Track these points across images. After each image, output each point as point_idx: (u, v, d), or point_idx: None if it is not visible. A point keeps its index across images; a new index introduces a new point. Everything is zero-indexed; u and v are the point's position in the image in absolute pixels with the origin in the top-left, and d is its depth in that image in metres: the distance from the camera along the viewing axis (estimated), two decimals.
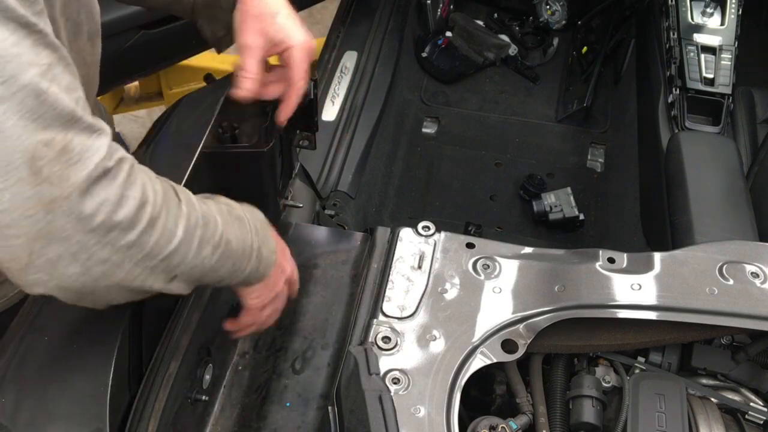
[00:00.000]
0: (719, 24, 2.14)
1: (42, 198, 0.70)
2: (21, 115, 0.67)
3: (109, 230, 0.75)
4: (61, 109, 0.70)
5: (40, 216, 0.71)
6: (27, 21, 0.68)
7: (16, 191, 0.69)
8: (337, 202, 1.93)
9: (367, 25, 2.42)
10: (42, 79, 0.69)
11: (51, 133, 0.70)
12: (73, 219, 0.73)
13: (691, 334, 1.12)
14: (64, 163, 0.71)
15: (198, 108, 1.21)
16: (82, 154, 0.72)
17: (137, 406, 0.96)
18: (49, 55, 0.71)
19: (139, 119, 3.17)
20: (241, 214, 0.97)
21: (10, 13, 0.67)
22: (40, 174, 0.70)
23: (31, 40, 0.69)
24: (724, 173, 1.80)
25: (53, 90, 0.70)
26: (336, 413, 1.04)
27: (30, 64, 0.68)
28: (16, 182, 0.69)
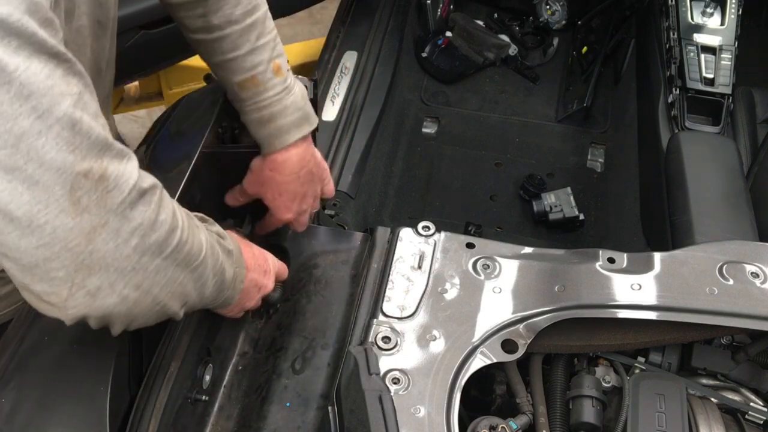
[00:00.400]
0: (719, 24, 2.14)
1: (83, 228, 0.71)
2: (59, 147, 0.68)
3: (143, 254, 0.77)
4: (95, 138, 0.71)
5: (81, 247, 0.72)
6: (57, 51, 0.68)
7: (58, 224, 0.70)
8: (337, 202, 1.93)
9: (367, 25, 2.42)
10: (75, 109, 0.69)
11: (88, 162, 0.70)
12: (112, 246, 0.74)
13: (691, 334, 1.12)
14: (101, 191, 0.72)
15: (198, 108, 1.21)
16: (117, 180, 0.73)
17: (137, 407, 0.96)
18: (78, 83, 0.71)
19: (139, 119, 3.17)
20: (230, 247, 0.99)
21: (42, 45, 0.67)
22: (80, 204, 0.70)
23: (62, 70, 0.69)
24: (724, 173, 1.80)
25: (86, 118, 0.70)
26: (336, 413, 1.04)
27: (63, 95, 0.68)
28: (57, 214, 0.69)
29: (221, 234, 0.99)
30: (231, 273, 0.97)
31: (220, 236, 0.98)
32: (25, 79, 0.65)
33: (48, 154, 0.67)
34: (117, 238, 0.74)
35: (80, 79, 0.72)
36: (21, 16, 0.64)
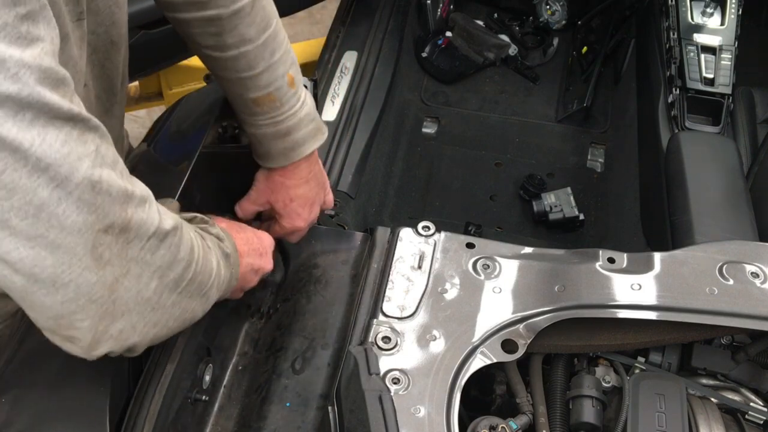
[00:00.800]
0: (719, 24, 2.14)
1: (106, 281, 0.73)
2: (80, 210, 0.68)
3: (161, 294, 0.80)
4: (116, 193, 0.72)
5: (105, 297, 0.74)
6: (71, 113, 0.68)
7: (82, 281, 0.71)
8: (337, 202, 1.93)
9: (367, 25, 2.42)
10: (94, 169, 0.69)
11: (110, 218, 0.71)
12: (134, 293, 0.76)
13: (691, 334, 1.12)
14: (123, 242, 0.73)
15: (198, 108, 1.21)
16: (138, 229, 0.75)
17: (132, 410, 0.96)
18: (94, 139, 0.71)
19: (139, 119, 3.17)
20: (228, 250, 0.99)
21: (56, 111, 0.66)
22: (102, 258, 0.72)
23: (78, 131, 0.69)
24: (724, 173, 1.80)
25: (105, 175, 0.71)
26: (336, 413, 1.04)
27: (81, 159, 0.68)
28: (81, 272, 0.70)
29: (220, 236, 0.99)
30: (228, 276, 0.98)
31: (219, 239, 0.98)
32: (41, 152, 0.65)
33: (69, 218, 0.68)
34: (138, 283, 0.76)
35: (95, 132, 0.72)
36: (32, 88, 0.64)
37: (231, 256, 1.00)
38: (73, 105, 0.69)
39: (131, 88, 2.71)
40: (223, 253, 0.97)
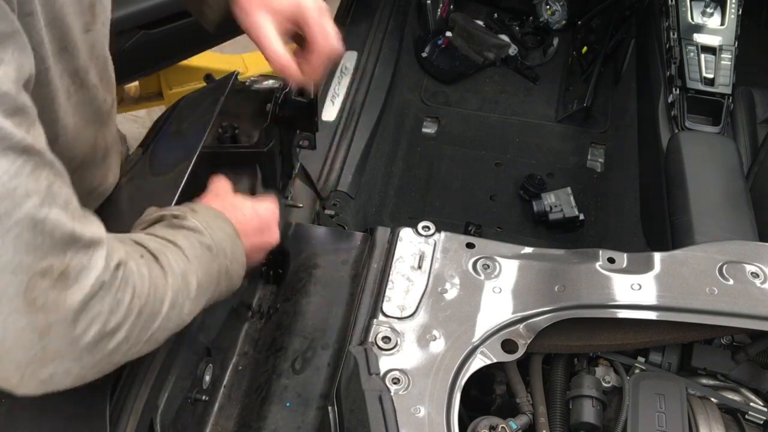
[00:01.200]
0: (719, 24, 2.14)
1: (36, 326, 0.68)
2: (17, 249, 0.64)
3: (100, 340, 0.73)
4: (59, 235, 0.67)
5: (34, 343, 0.68)
6: (25, 145, 0.65)
7: (10, 322, 0.66)
8: (337, 202, 1.93)
9: (367, 25, 2.42)
10: (40, 209, 0.65)
11: (48, 261, 0.67)
12: (67, 341, 0.70)
13: (691, 334, 1.12)
14: (59, 288, 0.68)
15: (198, 108, 1.21)
16: (78, 274, 0.70)
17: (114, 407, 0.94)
18: (47, 176, 0.67)
19: (139, 119, 3.17)
20: (209, 241, 0.92)
21: (9, 141, 0.63)
22: (35, 303, 0.67)
23: (30, 166, 0.65)
24: (724, 173, 1.80)
25: (52, 215, 0.67)
26: (336, 413, 1.04)
27: (27, 195, 0.64)
28: (9, 314, 0.66)
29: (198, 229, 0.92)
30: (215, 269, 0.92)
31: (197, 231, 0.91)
32: None
33: (3, 256, 0.64)
34: (73, 330, 0.70)
35: (50, 169, 0.68)
36: None
37: (215, 246, 0.93)
38: (29, 136, 0.65)
39: (131, 88, 2.71)
40: (202, 245, 0.90)
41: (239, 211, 1.03)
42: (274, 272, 1.40)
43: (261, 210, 1.08)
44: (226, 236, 0.96)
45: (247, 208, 1.06)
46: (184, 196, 1.07)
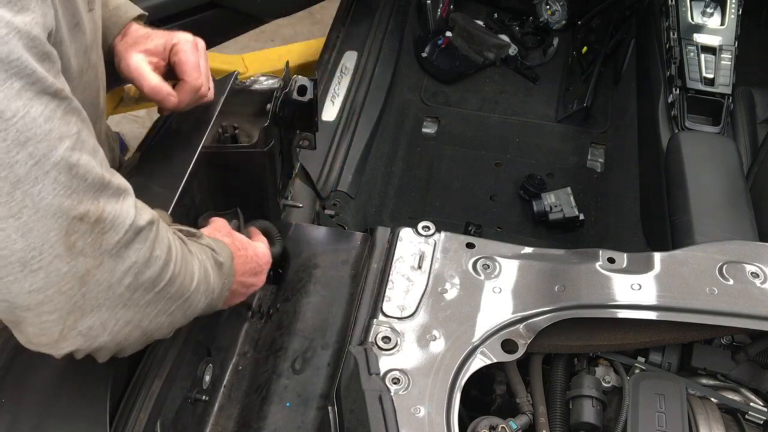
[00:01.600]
0: (719, 24, 2.14)
1: (77, 272, 0.70)
2: (56, 193, 0.66)
3: (135, 291, 0.76)
4: (92, 179, 0.70)
5: (75, 290, 0.71)
6: (56, 89, 0.67)
7: (52, 269, 0.68)
8: (337, 202, 1.93)
9: (367, 25, 2.42)
10: (73, 152, 0.68)
11: (85, 205, 0.69)
12: (105, 287, 0.73)
13: (691, 334, 1.12)
14: (97, 233, 0.70)
15: (198, 108, 1.21)
16: (114, 221, 0.72)
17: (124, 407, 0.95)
18: (76, 122, 0.69)
19: (139, 119, 3.17)
20: (221, 259, 0.97)
21: (42, 84, 0.65)
22: (75, 248, 0.69)
23: (62, 110, 0.67)
24: (724, 173, 1.79)
25: (83, 160, 0.69)
26: (336, 413, 1.04)
27: (61, 139, 0.66)
28: (52, 260, 0.68)
29: (212, 246, 0.97)
30: (219, 285, 0.97)
31: (211, 249, 0.96)
32: (23, 125, 0.63)
33: (44, 200, 0.65)
34: (111, 278, 0.73)
35: (78, 116, 0.70)
36: (21, 54, 0.62)
37: (225, 264, 0.98)
38: (58, 81, 0.67)
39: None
40: (215, 261, 0.95)
41: (242, 250, 1.09)
42: (274, 272, 1.40)
43: (260, 253, 1.14)
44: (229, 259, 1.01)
45: (250, 249, 1.11)
46: (185, 196, 1.07)
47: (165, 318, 0.83)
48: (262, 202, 1.32)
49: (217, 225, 1.11)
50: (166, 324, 0.85)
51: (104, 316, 0.75)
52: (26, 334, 0.74)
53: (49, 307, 0.70)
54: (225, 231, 1.10)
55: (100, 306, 0.74)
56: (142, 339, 0.83)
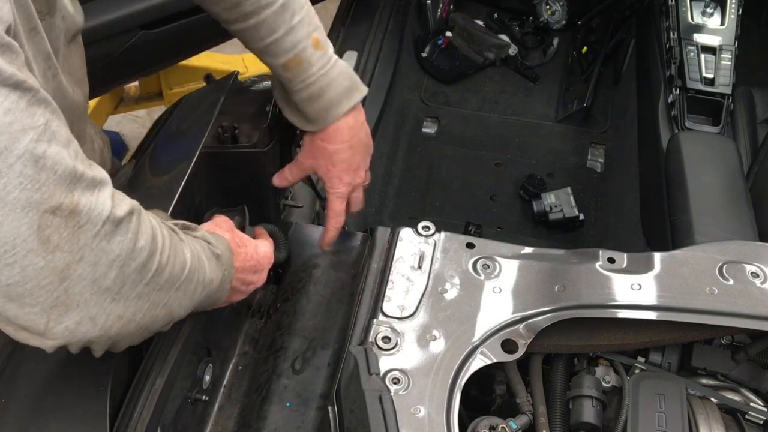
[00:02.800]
0: (719, 24, 2.14)
1: (55, 266, 0.69)
2: (22, 186, 0.64)
3: (123, 285, 0.75)
4: (62, 171, 0.68)
5: (55, 285, 0.69)
6: (17, 80, 0.65)
7: (27, 263, 0.67)
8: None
9: (367, 25, 2.42)
10: (38, 144, 0.66)
11: (56, 199, 0.67)
12: (89, 282, 0.72)
13: (691, 334, 1.12)
14: (72, 227, 0.69)
15: (198, 108, 1.21)
16: (90, 213, 0.70)
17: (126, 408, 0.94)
18: (43, 113, 0.67)
19: (139, 119, 3.17)
20: (218, 251, 0.97)
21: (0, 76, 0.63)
22: (50, 242, 0.67)
23: (25, 102, 0.65)
24: (724, 173, 1.80)
25: (51, 151, 0.67)
26: (336, 413, 1.04)
27: (24, 131, 0.64)
28: (26, 254, 0.66)
29: (208, 239, 0.96)
30: (219, 277, 0.96)
31: (207, 241, 0.96)
32: None
33: (10, 194, 0.64)
34: (94, 272, 0.72)
35: (46, 107, 0.68)
36: None
37: (223, 256, 0.97)
38: (20, 73, 0.65)
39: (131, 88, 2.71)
40: (212, 253, 0.94)
41: (242, 247, 1.08)
42: (274, 272, 1.40)
43: (261, 251, 1.14)
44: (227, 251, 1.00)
45: (250, 246, 1.11)
46: (185, 196, 1.07)
47: (160, 310, 0.82)
48: (262, 202, 1.32)
49: (217, 221, 1.11)
50: (162, 315, 0.84)
51: (92, 311, 0.74)
52: (13, 326, 0.73)
53: (31, 300, 0.69)
54: (226, 227, 1.09)
55: (87, 301, 0.73)
56: (138, 332, 0.82)
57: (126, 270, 0.75)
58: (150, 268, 0.78)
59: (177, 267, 0.83)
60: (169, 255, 0.81)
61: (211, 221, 1.11)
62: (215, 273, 0.94)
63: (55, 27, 0.93)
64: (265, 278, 1.16)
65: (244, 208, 1.25)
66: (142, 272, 0.77)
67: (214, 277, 0.94)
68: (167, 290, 0.82)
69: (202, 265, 0.90)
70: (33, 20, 0.82)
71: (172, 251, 0.82)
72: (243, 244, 1.09)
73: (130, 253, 0.75)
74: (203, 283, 0.90)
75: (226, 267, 0.99)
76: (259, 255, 1.13)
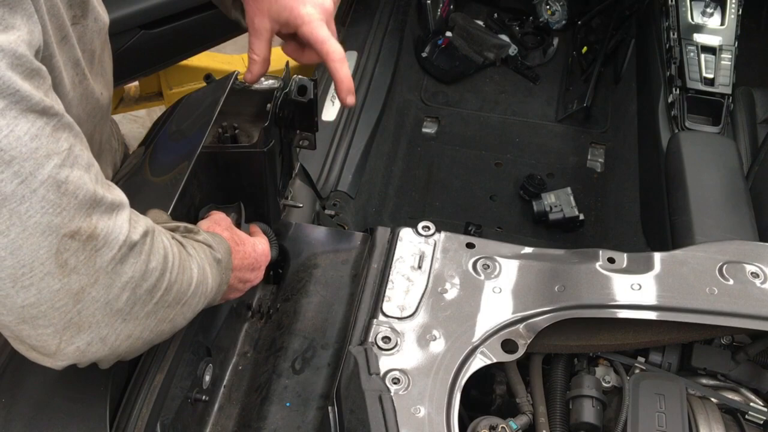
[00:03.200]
0: (719, 24, 2.14)
1: (70, 289, 0.70)
2: (44, 211, 0.66)
3: (134, 305, 0.76)
4: (83, 196, 0.69)
5: (69, 306, 0.70)
6: (44, 107, 0.66)
7: (44, 286, 0.68)
8: (337, 202, 1.93)
9: (367, 25, 2.42)
10: (62, 169, 0.67)
11: (76, 223, 0.68)
12: (101, 304, 0.73)
13: (691, 334, 1.12)
14: (90, 250, 0.70)
15: (198, 108, 1.21)
16: (107, 237, 0.71)
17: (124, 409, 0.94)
18: (67, 138, 0.69)
19: (139, 119, 3.17)
20: (219, 256, 0.97)
21: (28, 102, 0.64)
22: (67, 265, 0.68)
23: (51, 127, 0.67)
24: (724, 173, 1.80)
25: (74, 176, 0.68)
26: (336, 413, 1.04)
27: (48, 156, 0.66)
28: (43, 277, 0.68)
29: (209, 243, 0.97)
30: (218, 281, 0.96)
31: (208, 245, 0.96)
32: (7, 144, 0.62)
33: (32, 218, 0.65)
34: (108, 295, 0.73)
35: (70, 131, 0.69)
36: (3, 72, 0.62)
37: (223, 260, 0.98)
38: (47, 99, 0.67)
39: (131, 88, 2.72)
40: (214, 258, 0.95)
41: (240, 245, 1.08)
42: (274, 272, 1.40)
43: (258, 249, 1.14)
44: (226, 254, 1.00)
45: (248, 245, 1.11)
46: (185, 196, 1.07)
47: (166, 325, 0.84)
48: (262, 202, 1.32)
49: (216, 218, 1.11)
50: (168, 330, 0.85)
51: (103, 332, 0.75)
52: (25, 346, 0.74)
53: (44, 321, 0.70)
54: (225, 225, 1.09)
55: (99, 323, 0.74)
56: (144, 347, 0.84)
57: (138, 291, 0.76)
58: (160, 287, 0.79)
59: (185, 284, 0.84)
60: (178, 273, 0.82)
61: (209, 218, 1.11)
62: (216, 279, 0.95)
63: (89, 30, 0.94)
64: (262, 276, 1.16)
65: (240, 204, 1.25)
66: (152, 292, 0.78)
67: (214, 284, 0.94)
68: (174, 306, 0.83)
69: (206, 277, 0.91)
70: (65, 29, 0.84)
71: (180, 268, 0.83)
72: (241, 242, 1.09)
73: (142, 275, 0.76)
74: (206, 294, 0.91)
75: (225, 270, 0.99)
76: (257, 253, 1.13)
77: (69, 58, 0.87)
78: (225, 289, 1.01)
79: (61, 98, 0.84)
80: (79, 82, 0.91)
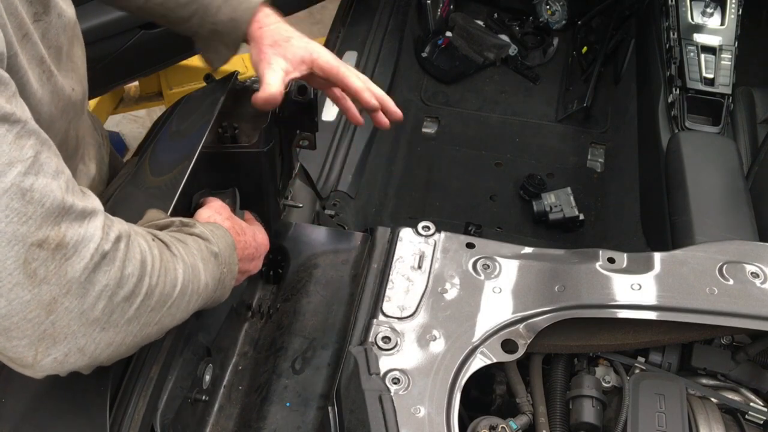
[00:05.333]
0: (719, 24, 2.14)
1: (41, 300, 0.68)
2: (8, 220, 0.64)
3: (111, 313, 0.74)
4: (50, 204, 0.67)
5: (42, 318, 0.69)
6: (5, 113, 0.64)
7: (13, 297, 0.66)
8: (337, 202, 1.93)
9: (367, 25, 2.42)
10: (26, 177, 0.65)
11: (43, 231, 0.66)
12: (76, 314, 0.71)
13: (691, 334, 1.12)
14: (59, 259, 0.68)
15: (198, 108, 1.21)
16: (77, 245, 0.69)
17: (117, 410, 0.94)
18: (33, 145, 0.67)
19: (139, 119, 3.17)
20: (216, 249, 0.95)
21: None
22: (36, 276, 0.67)
23: (13, 134, 0.65)
24: (724, 173, 1.80)
25: (39, 184, 0.66)
26: (336, 413, 1.04)
27: (11, 164, 0.64)
28: (12, 288, 0.66)
29: (205, 236, 0.95)
30: (217, 277, 0.94)
31: (204, 239, 0.94)
32: None
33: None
34: (82, 305, 0.71)
35: (36, 138, 0.68)
36: None
37: (221, 253, 0.95)
38: (8, 105, 0.65)
39: (131, 88, 2.72)
40: (210, 252, 0.93)
41: (241, 235, 1.07)
42: (274, 272, 1.40)
43: (258, 238, 1.13)
44: (228, 247, 0.99)
45: (249, 234, 1.10)
46: (185, 196, 1.07)
47: (152, 328, 0.81)
48: (262, 202, 1.32)
49: (215, 206, 1.09)
50: (155, 332, 0.83)
51: (80, 342, 0.73)
52: (4, 357, 0.73)
53: (18, 333, 0.69)
54: (225, 214, 1.07)
55: (75, 333, 0.72)
56: (130, 351, 0.82)
57: (115, 299, 0.74)
58: (139, 293, 0.77)
59: (168, 286, 0.82)
60: (159, 275, 0.80)
61: (208, 206, 1.09)
62: (212, 274, 0.93)
63: (53, 26, 0.92)
64: (260, 265, 1.15)
65: (234, 190, 1.23)
66: (130, 299, 0.76)
67: (210, 280, 0.92)
68: (158, 310, 0.81)
69: (197, 275, 0.88)
70: (24, 27, 0.82)
71: (162, 271, 0.81)
72: (242, 231, 1.08)
73: (118, 282, 0.74)
74: (198, 292, 0.89)
75: (226, 264, 0.97)
76: (257, 242, 1.11)
77: (33, 57, 0.85)
78: (231, 284, 1.00)
79: (30, 98, 0.83)
80: (46, 79, 0.89)
